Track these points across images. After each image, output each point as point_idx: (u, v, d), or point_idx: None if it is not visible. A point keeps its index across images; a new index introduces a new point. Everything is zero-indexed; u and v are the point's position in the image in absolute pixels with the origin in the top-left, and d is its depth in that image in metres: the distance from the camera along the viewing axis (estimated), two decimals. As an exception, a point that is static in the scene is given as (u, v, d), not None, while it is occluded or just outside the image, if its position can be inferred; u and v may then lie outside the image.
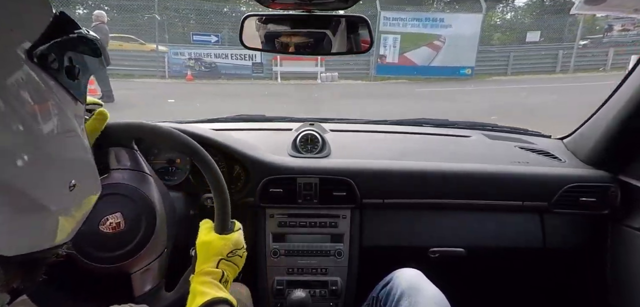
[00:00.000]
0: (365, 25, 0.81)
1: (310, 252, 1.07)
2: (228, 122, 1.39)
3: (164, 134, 0.77)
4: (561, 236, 1.13)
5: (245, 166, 1.05)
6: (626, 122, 0.97)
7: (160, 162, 1.07)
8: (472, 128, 1.45)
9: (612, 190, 1.06)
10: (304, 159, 1.09)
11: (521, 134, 1.42)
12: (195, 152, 0.74)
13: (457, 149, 1.26)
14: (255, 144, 1.11)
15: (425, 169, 1.09)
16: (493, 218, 1.13)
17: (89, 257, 0.74)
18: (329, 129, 1.28)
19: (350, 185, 1.05)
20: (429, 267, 0.91)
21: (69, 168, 0.36)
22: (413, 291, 0.78)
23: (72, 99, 0.37)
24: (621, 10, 1.05)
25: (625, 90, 0.97)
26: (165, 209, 0.80)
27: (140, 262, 0.75)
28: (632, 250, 1.03)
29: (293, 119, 1.41)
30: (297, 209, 1.08)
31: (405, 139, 1.34)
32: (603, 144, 1.06)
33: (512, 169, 1.11)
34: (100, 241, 0.73)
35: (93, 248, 0.73)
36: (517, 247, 1.14)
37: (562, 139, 1.30)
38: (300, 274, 1.06)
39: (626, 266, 1.06)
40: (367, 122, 1.51)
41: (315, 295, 1.04)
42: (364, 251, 1.09)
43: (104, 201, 0.74)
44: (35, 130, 0.31)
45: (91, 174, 0.41)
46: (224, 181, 0.75)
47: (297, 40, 0.82)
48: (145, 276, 0.76)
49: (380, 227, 1.11)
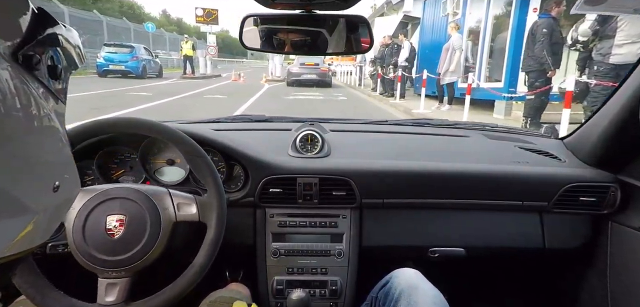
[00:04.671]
0: (366, 25, 0.81)
1: (310, 252, 1.07)
2: (228, 123, 1.39)
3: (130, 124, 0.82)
4: (561, 236, 1.13)
5: (245, 166, 1.05)
6: (626, 121, 0.97)
7: (160, 162, 1.07)
8: (472, 128, 1.45)
9: (612, 190, 1.06)
10: (303, 159, 1.09)
11: (521, 134, 1.42)
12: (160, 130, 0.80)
13: (457, 149, 1.26)
14: (255, 144, 1.11)
15: (425, 169, 1.09)
16: (493, 218, 1.13)
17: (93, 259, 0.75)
18: (329, 129, 1.29)
19: (350, 185, 1.05)
20: (428, 267, 0.91)
21: (53, 169, 0.35)
22: (411, 290, 0.78)
23: (54, 99, 0.36)
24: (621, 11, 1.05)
25: (625, 90, 0.97)
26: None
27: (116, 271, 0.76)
28: (632, 250, 1.03)
29: (293, 119, 1.41)
30: (297, 209, 1.08)
31: (405, 139, 1.34)
32: (603, 144, 1.06)
33: (512, 169, 1.11)
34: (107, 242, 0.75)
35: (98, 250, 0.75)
36: (517, 247, 1.14)
37: (562, 139, 1.30)
38: (300, 274, 1.06)
39: (626, 266, 1.05)
40: (367, 122, 1.51)
41: (315, 295, 1.04)
42: (364, 251, 1.09)
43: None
44: (19, 132, 0.30)
45: (73, 174, 0.40)
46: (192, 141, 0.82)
47: (297, 40, 0.82)
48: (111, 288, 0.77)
49: (380, 227, 1.11)
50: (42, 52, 0.34)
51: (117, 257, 0.75)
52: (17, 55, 0.30)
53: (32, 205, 0.32)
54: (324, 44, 0.81)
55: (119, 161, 1.07)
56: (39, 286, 0.74)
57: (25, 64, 0.31)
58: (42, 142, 0.33)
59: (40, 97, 0.33)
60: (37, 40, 0.33)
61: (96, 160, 1.02)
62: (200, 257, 0.80)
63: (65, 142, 0.38)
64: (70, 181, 0.39)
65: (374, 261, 1.10)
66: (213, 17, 18.70)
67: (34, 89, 0.32)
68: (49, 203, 0.35)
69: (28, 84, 0.31)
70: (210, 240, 0.81)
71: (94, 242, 0.75)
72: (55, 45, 0.35)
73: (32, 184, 0.32)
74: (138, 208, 0.78)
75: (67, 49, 0.38)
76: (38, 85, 0.33)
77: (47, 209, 0.35)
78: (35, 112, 0.32)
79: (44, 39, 0.34)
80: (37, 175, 0.33)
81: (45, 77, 0.34)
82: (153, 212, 0.79)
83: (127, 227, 0.76)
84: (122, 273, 0.76)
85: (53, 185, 0.35)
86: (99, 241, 0.75)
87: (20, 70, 0.31)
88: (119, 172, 1.07)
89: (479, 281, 1.45)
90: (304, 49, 0.82)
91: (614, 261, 1.09)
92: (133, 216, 0.77)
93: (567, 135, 1.28)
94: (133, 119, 0.83)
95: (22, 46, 0.31)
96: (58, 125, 0.36)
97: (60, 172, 0.36)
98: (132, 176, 1.07)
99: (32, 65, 0.32)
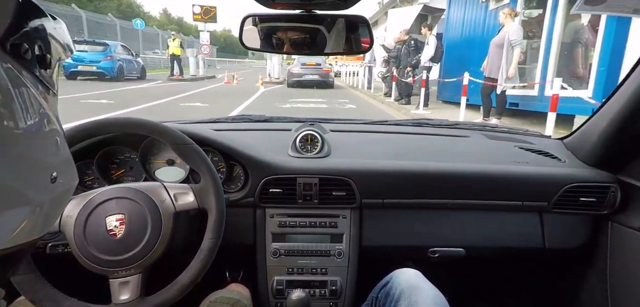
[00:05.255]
0: (366, 25, 0.81)
1: (310, 252, 1.07)
2: (228, 123, 1.39)
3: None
4: (561, 236, 1.13)
5: (245, 166, 1.05)
6: (626, 121, 0.97)
7: (160, 162, 1.07)
8: (472, 128, 1.45)
9: (612, 190, 1.06)
10: (303, 159, 1.09)
11: (521, 134, 1.42)
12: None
13: (457, 149, 1.26)
14: (255, 144, 1.11)
15: (425, 169, 1.09)
16: (493, 218, 1.13)
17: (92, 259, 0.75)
18: (328, 129, 1.29)
19: (350, 185, 1.05)
20: (428, 267, 0.91)
21: (50, 160, 0.35)
22: (412, 290, 0.78)
23: (45, 89, 0.36)
24: (621, 11, 1.05)
25: (625, 90, 0.97)
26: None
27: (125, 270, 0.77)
28: (632, 250, 1.03)
29: (293, 119, 1.41)
30: (297, 209, 1.08)
31: (405, 139, 1.34)
32: (603, 144, 1.06)
33: (511, 169, 1.11)
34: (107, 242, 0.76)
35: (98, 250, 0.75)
36: (517, 247, 1.14)
37: (562, 139, 1.30)
38: (300, 274, 1.06)
39: (626, 266, 1.06)
40: (367, 122, 1.51)
41: (315, 295, 1.04)
42: (364, 251, 1.09)
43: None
44: (13, 123, 0.30)
45: (70, 165, 0.40)
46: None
47: (297, 40, 0.82)
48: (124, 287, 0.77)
49: (380, 227, 1.11)
50: (30, 42, 0.33)
51: (123, 256, 0.75)
52: (4, 44, 0.30)
53: (31, 195, 0.32)
54: (324, 43, 0.81)
55: (119, 161, 1.07)
56: (55, 298, 0.75)
57: (13, 52, 0.31)
58: (37, 131, 0.33)
59: (33, 86, 0.33)
60: (24, 30, 0.32)
61: (96, 160, 1.02)
62: (207, 240, 0.81)
63: (61, 131, 0.38)
64: (68, 172, 0.39)
65: (374, 261, 1.10)
66: (211, 15, 17.58)
67: (27, 79, 0.32)
68: (48, 194, 0.35)
69: (20, 74, 0.31)
70: (213, 222, 0.82)
71: (97, 246, 0.75)
72: (43, 35, 0.35)
73: (30, 175, 0.32)
74: (136, 205, 0.78)
75: (56, 40, 0.37)
76: (29, 74, 0.33)
77: (46, 200, 0.35)
78: (29, 103, 0.32)
79: (31, 29, 0.33)
80: (35, 165, 0.33)
81: (35, 67, 0.34)
82: (152, 207, 0.79)
83: (128, 225, 0.76)
84: (131, 271, 0.76)
85: (50, 176, 0.34)
86: (102, 243, 0.75)
87: (14, 62, 0.30)
88: (119, 172, 1.07)
89: (479, 281, 1.45)
90: (303, 48, 0.82)
91: (614, 261, 1.09)
92: (132, 213, 0.77)
93: (567, 135, 1.28)
94: (120, 118, 0.84)
95: (9, 35, 0.31)
96: (52, 116, 0.36)
97: (57, 163, 0.36)
98: (132, 176, 1.07)
99: (20, 54, 0.31)
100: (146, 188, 0.82)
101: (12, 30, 0.31)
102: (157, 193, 0.82)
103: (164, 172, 1.07)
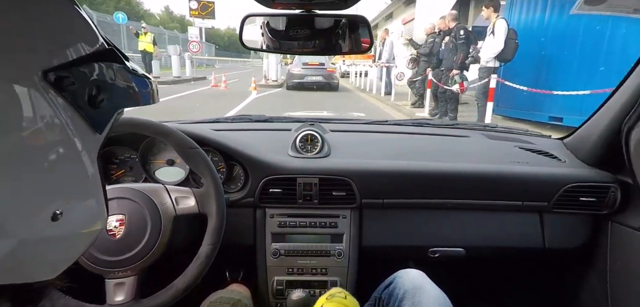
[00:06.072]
0: (366, 25, 0.81)
1: (310, 252, 1.07)
2: (228, 123, 1.39)
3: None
4: (561, 236, 1.13)
5: (245, 166, 1.05)
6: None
7: (160, 162, 1.07)
8: (472, 128, 1.45)
9: (612, 190, 1.06)
10: (303, 159, 1.09)
11: (521, 134, 1.42)
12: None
13: (457, 149, 1.26)
14: (255, 144, 1.11)
15: (425, 169, 1.09)
16: (493, 218, 1.13)
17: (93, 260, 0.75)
18: (328, 129, 1.28)
19: (350, 185, 1.05)
20: (428, 267, 0.91)
21: (56, 195, 0.31)
22: (416, 291, 0.78)
23: (88, 126, 0.33)
24: (621, 11, 1.05)
25: (625, 89, 0.97)
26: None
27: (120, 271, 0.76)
28: (632, 250, 1.03)
29: (293, 119, 1.41)
30: (297, 209, 1.08)
31: (405, 139, 1.34)
32: (603, 144, 1.06)
33: (511, 169, 1.11)
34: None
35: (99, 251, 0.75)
36: (517, 247, 1.14)
37: (562, 139, 1.30)
38: (300, 274, 1.06)
39: (626, 266, 1.06)
40: (367, 122, 1.51)
41: (315, 295, 1.04)
42: (364, 251, 1.09)
43: None
44: (23, 147, 0.28)
45: (88, 207, 0.36)
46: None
47: (297, 40, 0.82)
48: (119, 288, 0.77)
49: (380, 227, 1.11)
50: (85, 80, 0.32)
51: (121, 257, 0.75)
52: (47, 74, 0.29)
53: (12, 229, 0.28)
54: (324, 43, 0.81)
55: (119, 161, 1.07)
56: (50, 295, 0.74)
57: (56, 84, 0.30)
58: (43, 160, 0.30)
59: (66, 118, 0.31)
60: (83, 66, 0.32)
61: None
62: (205, 246, 0.81)
63: (89, 170, 0.35)
64: (82, 213, 0.35)
65: (374, 261, 1.10)
66: (209, 11, 16.79)
67: (58, 108, 0.30)
68: (40, 232, 0.30)
69: (54, 105, 0.30)
70: (212, 228, 0.82)
71: (95, 245, 0.75)
72: (104, 78, 0.34)
73: (23, 208, 0.29)
74: (136, 206, 0.78)
75: (120, 86, 0.36)
76: (68, 109, 0.31)
77: (37, 239, 0.30)
78: (47, 130, 0.30)
79: (94, 68, 0.33)
80: (33, 198, 0.29)
81: (83, 102, 0.32)
82: (152, 209, 0.79)
83: (127, 226, 0.76)
84: (128, 272, 0.76)
85: (51, 213, 0.31)
86: (101, 242, 0.75)
87: (47, 89, 0.29)
88: (119, 173, 1.07)
89: (479, 281, 1.45)
90: (303, 48, 0.82)
91: (614, 261, 1.09)
92: (132, 214, 0.77)
93: (567, 135, 1.28)
94: (124, 118, 0.84)
95: (62, 67, 0.30)
96: (79, 151, 0.33)
97: (67, 201, 0.32)
98: (132, 176, 1.07)
99: (63, 87, 0.30)
100: (148, 189, 0.82)
101: (58, 59, 0.30)
102: (159, 195, 0.82)
103: (164, 172, 1.07)
